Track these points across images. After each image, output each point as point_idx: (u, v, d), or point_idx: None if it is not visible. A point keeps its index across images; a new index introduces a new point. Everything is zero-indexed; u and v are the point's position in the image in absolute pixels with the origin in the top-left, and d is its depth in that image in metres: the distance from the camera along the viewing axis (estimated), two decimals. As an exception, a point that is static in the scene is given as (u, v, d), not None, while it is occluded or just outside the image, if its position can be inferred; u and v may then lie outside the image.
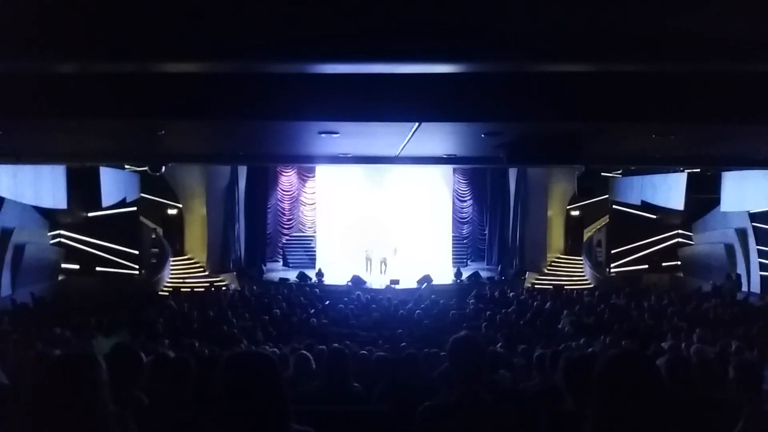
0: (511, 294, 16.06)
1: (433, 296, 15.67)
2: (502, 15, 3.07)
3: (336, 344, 6.21)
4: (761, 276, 16.11)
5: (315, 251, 22.14)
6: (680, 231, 20.16)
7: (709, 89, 5.09)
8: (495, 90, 5.06)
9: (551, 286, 17.64)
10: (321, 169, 21.61)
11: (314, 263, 21.43)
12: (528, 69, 4.16)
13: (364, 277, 19.43)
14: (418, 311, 12.78)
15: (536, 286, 19.00)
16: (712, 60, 3.49)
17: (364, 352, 6.93)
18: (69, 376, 2.28)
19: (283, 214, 23.06)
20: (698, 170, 14.53)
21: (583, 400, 2.27)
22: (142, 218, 19.18)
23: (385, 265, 20.25)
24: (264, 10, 2.97)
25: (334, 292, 17.14)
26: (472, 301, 15.02)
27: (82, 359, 2.37)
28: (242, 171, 21.06)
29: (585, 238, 22.39)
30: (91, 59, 3.34)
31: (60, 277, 17.26)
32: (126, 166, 15.87)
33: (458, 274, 20.02)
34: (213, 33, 3.11)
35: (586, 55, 3.37)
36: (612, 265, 20.43)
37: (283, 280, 18.96)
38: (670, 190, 16.98)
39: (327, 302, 14.74)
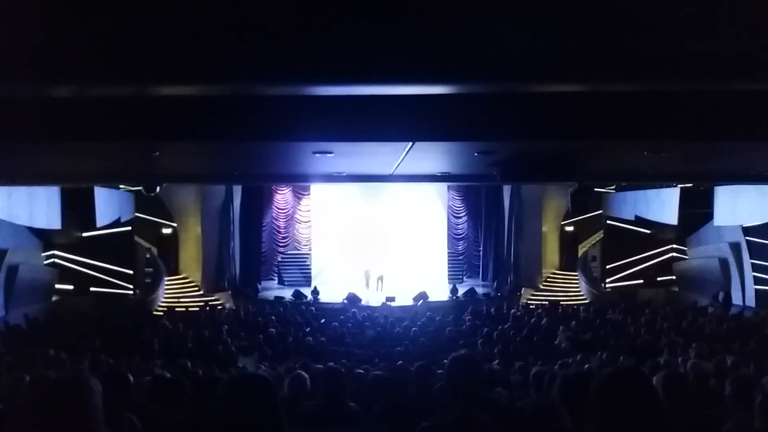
0: (512, 311, 15.99)
1: (428, 313, 15.62)
2: (495, 36, 3.11)
3: (332, 363, 6.19)
4: (756, 290, 16.14)
5: (310, 269, 22.10)
6: (674, 245, 20.23)
7: (701, 107, 5.13)
8: (488, 109, 5.08)
9: (547, 302, 17.62)
10: (316, 187, 21.60)
11: (309, 281, 21.37)
12: (521, 89, 4.19)
13: (363, 293, 19.37)
14: (414, 329, 12.73)
15: (532, 301, 18.99)
16: (703, 78, 3.53)
17: (361, 371, 6.89)
18: (62, 400, 2.28)
19: (279, 232, 23.02)
20: (691, 185, 14.59)
21: (581, 419, 2.27)
22: (136, 238, 19.13)
23: (382, 282, 20.23)
24: (258, 33, 3.00)
25: (329, 310, 17.09)
26: (468, 317, 14.98)
27: (74, 383, 2.36)
28: (237, 189, 21.04)
29: (580, 253, 22.44)
30: (86, 83, 3.36)
31: (54, 298, 17.15)
32: (121, 186, 15.85)
33: (454, 291, 19.99)
34: (208, 56, 3.14)
35: (578, 75, 3.41)
36: (607, 280, 20.47)
37: (279, 299, 18.89)
38: (664, 204, 17.05)
39: (323, 320, 14.69)
